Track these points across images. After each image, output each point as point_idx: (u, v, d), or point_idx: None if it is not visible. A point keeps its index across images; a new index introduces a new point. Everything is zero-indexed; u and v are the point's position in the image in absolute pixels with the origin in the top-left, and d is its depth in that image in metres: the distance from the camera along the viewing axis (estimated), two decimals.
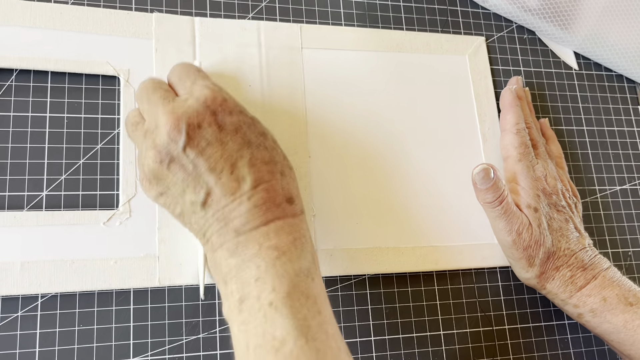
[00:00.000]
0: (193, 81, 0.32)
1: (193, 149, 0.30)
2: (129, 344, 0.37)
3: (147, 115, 0.32)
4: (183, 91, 0.32)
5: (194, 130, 0.30)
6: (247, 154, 0.31)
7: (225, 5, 0.46)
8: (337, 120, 0.45)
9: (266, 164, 0.31)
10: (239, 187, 0.30)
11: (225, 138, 0.30)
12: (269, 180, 0.31)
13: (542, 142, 0.47)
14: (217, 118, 0.31)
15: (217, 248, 0.31)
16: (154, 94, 0.32)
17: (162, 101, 0.31)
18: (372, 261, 0.42)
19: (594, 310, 0.41)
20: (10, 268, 0.36)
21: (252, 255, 0.29)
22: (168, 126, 0.30)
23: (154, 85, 0.33)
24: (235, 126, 0.31)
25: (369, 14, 0.50)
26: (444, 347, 0.43)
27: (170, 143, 0.30)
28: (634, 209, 0.51)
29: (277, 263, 0.29)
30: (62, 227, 0.38)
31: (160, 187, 0.32)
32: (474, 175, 0.41)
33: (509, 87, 0.48)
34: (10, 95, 0.39)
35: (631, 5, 0.52)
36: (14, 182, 0.38)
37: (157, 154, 0.30)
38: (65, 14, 0.41)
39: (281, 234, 0.30)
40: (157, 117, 0.31)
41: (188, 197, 0.31)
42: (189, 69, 0.34)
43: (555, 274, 0.42)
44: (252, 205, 0.30)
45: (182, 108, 0.30)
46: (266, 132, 0.33)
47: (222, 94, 0.31)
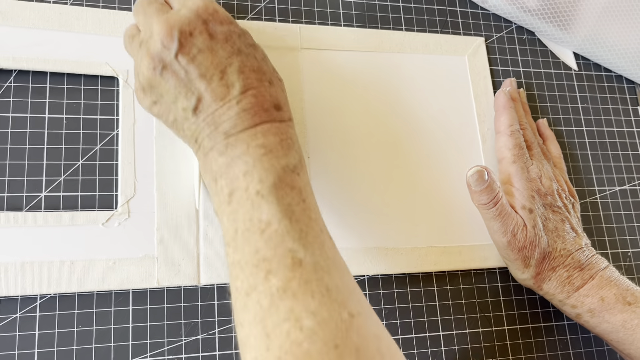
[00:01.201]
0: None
1: (185, 56, 0.31)
2: (128, 345, 0.37)
3: (143, 27, 0.34)
4: (177, 4, 0.34)
5: (186, 37, 0.31)
6: (236, 61, 0.32)
7: (225, 6, 0.46)
8: (336, 120, 0.45)
9: (255, 72, 0.33)
10: (228, 92, 0.31)
11: (215, 46, 0.32)
12: (257, 86, 0.32)
13: (537, 143, 0.47)
14: (208, 27, 0.32)
15: (208, 151, 0.32)
16: (149, 7, 0.34)
17: (156, 12, 0.33)
18: (371, 262, 0.42)
19: (592, 310, 0.41)
20: (9, 269, 0.36)
21: (240, 153, 0.31)
22: (161, 34, 0.31)
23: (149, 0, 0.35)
24: (226, 35, 0.32)
25: (368, 15, 0.50)
26: (443, 347, 0.43)
27: (163, 50, 0.31)
28: (634, 209, 0.51)
29: (264, 159, 0.31)
30: (61, 227, 0.38)
31: (154, 96, 0.33)
32: (468, 177, 0.41)
33: (503, 89, 0.48)
34: (9, 96, 0.39)
35: (631, 5, 0.52)
36: (13, 183, 0.38)
37: (151, 61, 0.32)
38: (64, 14, 0.41)
39: (268, 135, 0.31)
40: (152, 27, 0.32)
41: (180, 104, 0.32)
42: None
43: (552, 275, 0.42)
44: (241, 109, 0.31)
45: (175, 18, 0.32)
46: (256, 45, 0.35)
47: (213, 5, 0.33)
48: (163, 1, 0.35)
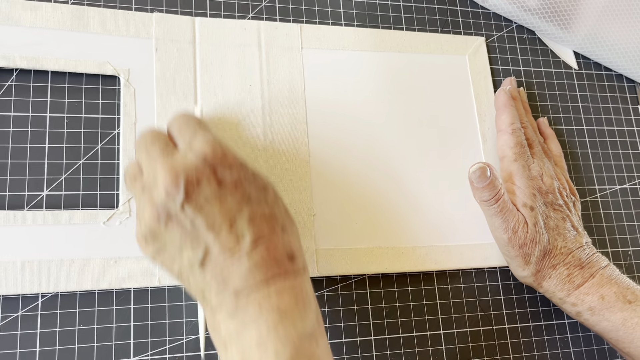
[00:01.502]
0: (193, 134, 0.31)
1: (191, 206, 0.29)
2: (129, 344, 0.37)
3: (146, 169, 0.31)
4: (183, 144, 0.31)
5: (193, 186, 0.29)
6: (246, 209, 0.30)
7: (225, 5, 0.46)
8: (337, 120, 0.45)
9: (266, 220, 0.30)
10: (238, 243, 0.29)
11: (224, 194, 0.29)
12: (269, 236, 0.30)
13: (538, 141, 0.47)
14: (216, 173, 0.30)
15: (216, 310, 0.29)
16: (153, 147, 0.31)
17: (161, 155, 0.30)
18: (372, 261, 0.42)
19: (592, 308, 0.41)
20: (10, 267, 0.36)
21: (252, 318, 0.28)
22: (166, 182, 0.29)
23: (152, 136, 0.32)
24: (235, 181, 0.30)
25: (368, 14, 0.50)
26: (444, 346, 0.43)
27: (168, 200, 0.29)
28: (634, 208, 0.51)
29: (279, 326, 0.28)
30: (62, 226, 0.38)
31: (157, 245, 0.31)
32: (471, 173, 0.41)
33: (503, 88, 0.48)
34: (10, 95, 0.39)
35: (631, 4, 0.52)
36: (14, 181, 0.38)
37: (155, 211, 0.29)
38: (66, 13, 0.41)
39: (283, 294, 0.29)
40: (156, 172, 0.30)
41: (186, 256, 0.30)
42: (189, 121, 0.33)
43: (552, 272, 0.42)
44: (252, 263, 0.29)
45: (181, 163, 0.29)
46: (267, 186, 0.32)
47: (222, 148, 0.30)
48: (167, 138, 0.32)
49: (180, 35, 0.43)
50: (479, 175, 0.41)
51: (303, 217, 0.42)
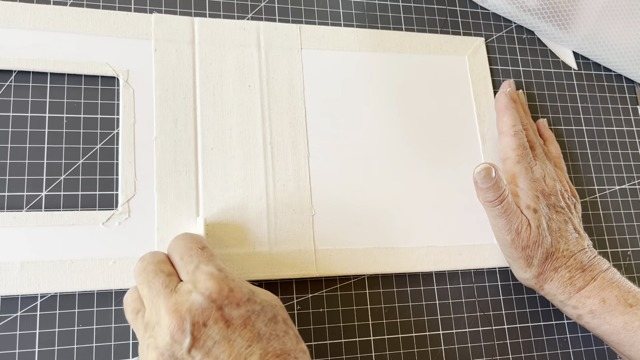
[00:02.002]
0: (196, 265, 0.30)
1: (199, 350, 0.28)
2: (128, 344, 0.37)
3: (148, 304, 0.30)
4: (186, 276, 0.30)
5: (199, 329, 0.28)
6: (257, 349, 0.28)
7: (224, 5, 0.46)
8: (337, 120, 0.45)
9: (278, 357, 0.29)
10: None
11: (233, 335, 0.28)
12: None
13: (539, 143, 0.47)
14: (223, 313, 0.28)
15: None
16: (155, 280, 0.30)
17: (164, 291, 0.29)
18: (371, 261, 0.42)
19: (593, 311, 0.41)
20: (9, 268, 0.36)
21: None
22: (172, 326, 0.28)
23: (154, 268, 0.31)
24: (244, 319, 0.29)
25: (368, 14, 0.50)
26: (443, 346, 0.43)
27: (174, 344, 0.28)
28: (633, 208, 0.51)
29: None
30: (61, 227, 0.38)
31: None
32: (476, 174, 0.41)
33: (503, 90, 0.48)
34: (9, 96, 0.39)
35: (630, 5, 0.52)
36: (13, 182, 0.38)
37: (160, 356, 0.28)
38: (65, 15, 0.41)
39: None
40: (159, 312, 0.29)
41: None
42: (191, 248, 0.32)
43: (554, 275, 0.42)
44: None
45: (185, 304, 0.28)
46: (276, 315, 0.31)
47: (228, 284, 0.29)
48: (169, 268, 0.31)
49: (179, 35, 0.43)
50: (484, 175, 0.40)
51: (302, 217, 0.42)
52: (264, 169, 0.42)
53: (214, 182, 0.41)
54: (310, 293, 0.41)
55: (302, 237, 0.41)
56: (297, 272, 0.41)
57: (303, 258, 0.41)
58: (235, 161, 0.42)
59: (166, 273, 0.31)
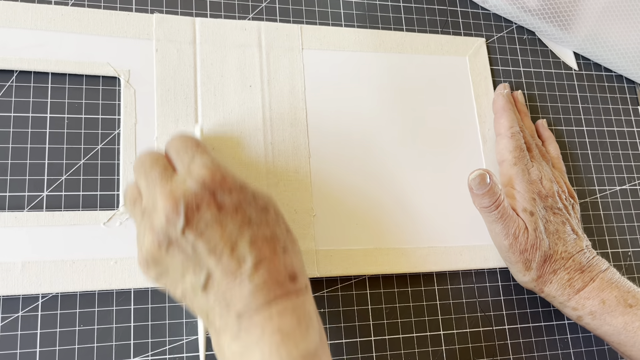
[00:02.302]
0: (191, 158, 0.32)
1: (192, 232, 0.29)
2: (129, 344, 0.37)
3: (145, 193, 0.31)
4: (181, 168, 0.32)
5: (193, 212, 0.29)
6: (247, 233, 0.30)
7: (226, 5, 0.46)
8: (338, 120, 0.45)
9: (267, 242, 0.30)
10: (240, 267, 0.29)
11: (224, 219, 0.30)
12: (270, 257, 0.30)
13: (535, 145, 0.47)
14: (216, 198, 0.30)
15: (220, 332, 0.30)
16: (152, 171, 0.31)
17: (160, 180, 0.31)
18: (372, 262, 0.43)
19: (593, 312, 0.41)
20: (11, 268, 0.36)
21: (255, 340, 0.29)
22: (166, 208, 0.29)
23: (151, 160, 0.32)
24: (235, 205, 0.30)
25: (369, 15, 0.50)
26: (444, 347, 0.43)
27: (169, 226, 0.29)
28: (634, 209, 0.51)
29: (281, 348, 0.28)
30: (62, 227, 0.38)
31: (159, 269, 0.31)
32: (470, 180, 0.41)
33: (500, 92, 0.48)
34: (10, 96, 0.39)
35: (631, 5, 0.52)
36: (14, 182, 0.38)
37: (155, 237, 0.29)
38: (66, 15, 0.41)
39: (285, 315, 0.29)
40: (155, 197, 0.30)
41: (188, 280, 0.30)
42: (187, 143, 0.33)
43: (553, 277, 0.42)
44: (254, 286, 0.29)
45: (180, 189, 0.30)
46: (268, 206, 0.32)
47: (220, 172, 0.31)
48: (166, 162, 0.32)
49: (180, 36, 0.43)
50: (478, 182, 0.40)
51: (303, 217, 0.42)
52: (264, 169, 0.42)
53: None
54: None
55: (303, 238, 0.41)
56: None
57: (304, 258, 0.41)
58: (236, 161, 0.42)
59: (162, 165, 0.32)
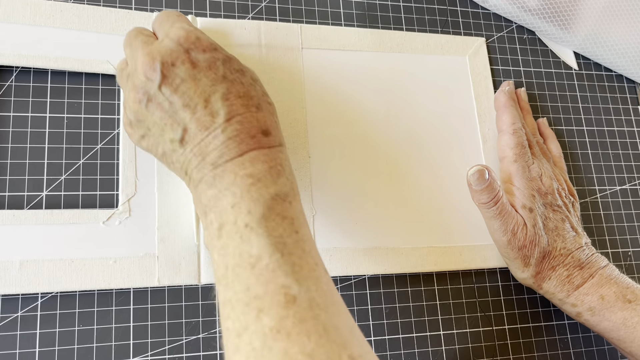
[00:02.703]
0: (171, 24, 0.33)
1: (168, 87, 0.31)
2: (129, 344, 0.37)
3: (129, 60, 0.34)
4: (162, 34, 0.33)
5: (168, 68, 0.31)
6: (220, 88, 0.31)
7: (225, 5, 0.46)
8: (337, 120, 0.45)
9: (241, 98, 0.32)
10: (213, 120, 0.31)
11: (198, 74, 0.31)
12: (243, 113, 0.31)
13: (537, 142, 0.47)
14: (190, 55, 0.31)
15: (197, 183, 0.31)
16: (135, 39, 0.33)
17: (141, 44, 0.33)
18: (371, 261, 0.42)
19: (592, 308, 0.41)
20: (9, 267, 0.36)
21: (228, 184, 0.30)
22: (144, 66, 0.31)
23: (136, 31, 0.34)
24: (209, 62, 0.32)
25: (368, 14, 0.50)
26: (444, 347, 0.43)
27: (147, 82, 0.31)
28: (634, 209, 0.51)
29: (252, 189, 0.30)
30: (61, 226, 0.38)
31: (142, 129, 0.33)
32: (469, 176, 0.41)
33: (502, 89, 0.48)
34: (10, 96, 0.39)
35: (631, 5, 0.52)
36: (14, 182, 0.38)
37: (136, 94, 0.32)
38: (66, 12, 0.41)
39: (256, 162, 0.31)
40: (137, 60, 0.32)
41: (167, 136, 0.32)
42: (169, 14, 0.35)
43: (552, 274, 0.42)
44: (226, 137, 0.30)
45: (157, 49, 0.31)
46: (244, 70, 0.34)
47: (195, 33, 0.32)
48: (150, 33, 0.35)
49: None
50: (477, 177, 0.40)
51: None
52: None
53: None
54: None
55: None
56: None
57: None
58: None
59: (146, 34, 0.34)
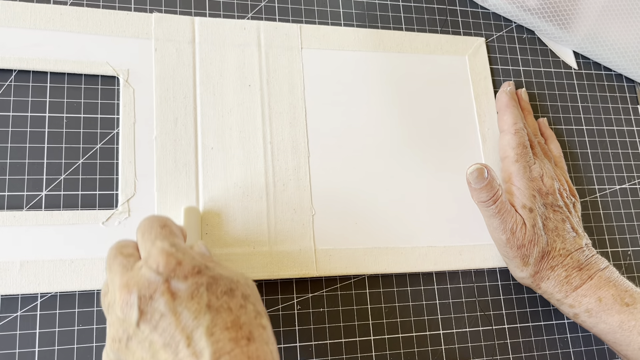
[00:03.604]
0: (152, 242, 0.30)
1: (147, 324, 0.27)
2: None
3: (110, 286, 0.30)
4: (143, 253, 0.30)
5: (146, 302, 0.27)
6: (204, 321, 0.27)
7: (225, 5, 0.46)
8: (337, 120, 0.45)
9: (228, 330, 0.27)
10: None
11: (179, 307, 0.27)
12: (230, 350, 0.27)
13: (537, 142, 0.47)
14: (170, 286, 0.28)
15: None
16: (114, 262, 0.30)
17: (120, 270, 0.29)
18: (370, 261, 0.42)
19: (589, 310, 0.41)
20: (9, 267, 0.36)
21: None
22: (121, 301, 0.28)
23: (115, 251, 0.31)
24: (191, 291, 0.28)
25: (368, 14, 0.50)
26: (444, 346, 0.43)
27: (125, 320, 0.28)
28: (634, 208, 0.51)
29: None
30: (61, 226, 0.38)
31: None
32: (468, 174, 0.41)
33: (504, 89, 0.48)
34: (9, 95, 0.39)
35: (630, 4, 0.52)
36: (13, 182, 0.38)
37: (115, 332, 0.28)
38: (65, 14, 0.41)
39: None
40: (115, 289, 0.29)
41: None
42: (152, 226, 0.31)
43: (550, 274, 0.42)
44: None
45: (134, 279, 0.28)
46: (234, 289, 0.29)
47: (176, 257, 0.28)
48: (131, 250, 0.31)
49: (179, 35, 0.43)
50: (476, 176, 0.40)
51: (302, 216, 0.42)
52: (264, 168, 0.42)
53: (214, 181, 0.41)
54: (310, 293, 0.41)
55: (302, 237, 0.41)
56: (297, 271, 0.41)
57: (303, 258, 0.41)
58: (235, 161, 0.42)
59: (125, 255, 0.31)
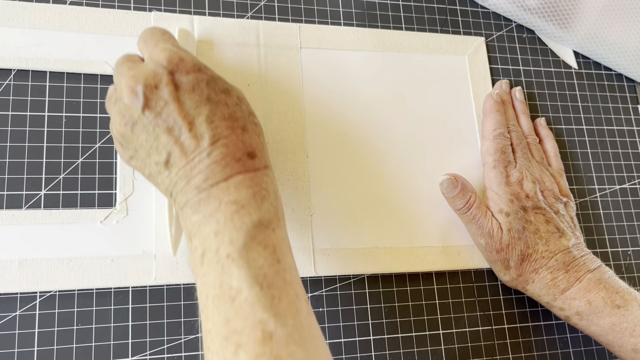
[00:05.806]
0: (155, 44, 0.33)
1: (151, 110, 0.31)
2: (127, 343, 0.37)
3: (117, 86, 0.33)
4: (147, 55, 0.33)
5: (151, 91, 0.31)
6: (205, 110, 0.31)
7: (224, 4, 0.46)
8: (335, 120, 0.45)
9: (226, 120, 0.31)
10: (198, 144, 0.30)
11: (182, 96, 0.31)
12: (228, 135, 0.31)
13: (524, 145, 0.47)
14: (173, 77, 0.31)
15: (182, 206, 0.31)
16: (122, 66, 0.33)
17: (127, 70, 0.32)
18: (369, 261, 0.42)
19: (580, 313, 0.41)
20: (8, 266, 0.36)
21: (212, 210, 0.30)
22: (127, 90, 0.31)
23: (122, 58, 0.34)
24: (192, 84, 0.31)
25: (367, 14, 0.50)
26: (443, 346, 0.43)
27: (131, 106, 0.31)
28: (634, 208, 0.51)
29: (235, 217, 0.29)
30: (59, 225, 0.38)
31: (130, 151, 0.33)
32: (440, 185, 0.43)
33: (491, 93, 0.48)
34: (8, 95, 0.39)
35: (631, 4, 0.52)
36: (12, 181, 0.38)
37: (122, 118, 0.32)
38: (64, 14, 0.41)
39: (241, 188, 0.30)
40: (122, 85, 0.32)
41: (153, 158, 0.32)
42: (153, 33, 0.34)
43: (535, 277, 0.42)
44: (211, 161, 0.30)
45: (140, 72, 0.31)
46: (230, 90, 0.33)
47: (179, 54, 0.32)
48: (137, 58, 0.34)
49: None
50: (447, 185, 0.43)
51: (301, 216, 0.42)
52: None
53: None
54: (309, 293, 0.41)
55: (301, 237, 0.41)
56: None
57: (302, 258, 0.41)
58: None
59: (132, 60, 0.34)
